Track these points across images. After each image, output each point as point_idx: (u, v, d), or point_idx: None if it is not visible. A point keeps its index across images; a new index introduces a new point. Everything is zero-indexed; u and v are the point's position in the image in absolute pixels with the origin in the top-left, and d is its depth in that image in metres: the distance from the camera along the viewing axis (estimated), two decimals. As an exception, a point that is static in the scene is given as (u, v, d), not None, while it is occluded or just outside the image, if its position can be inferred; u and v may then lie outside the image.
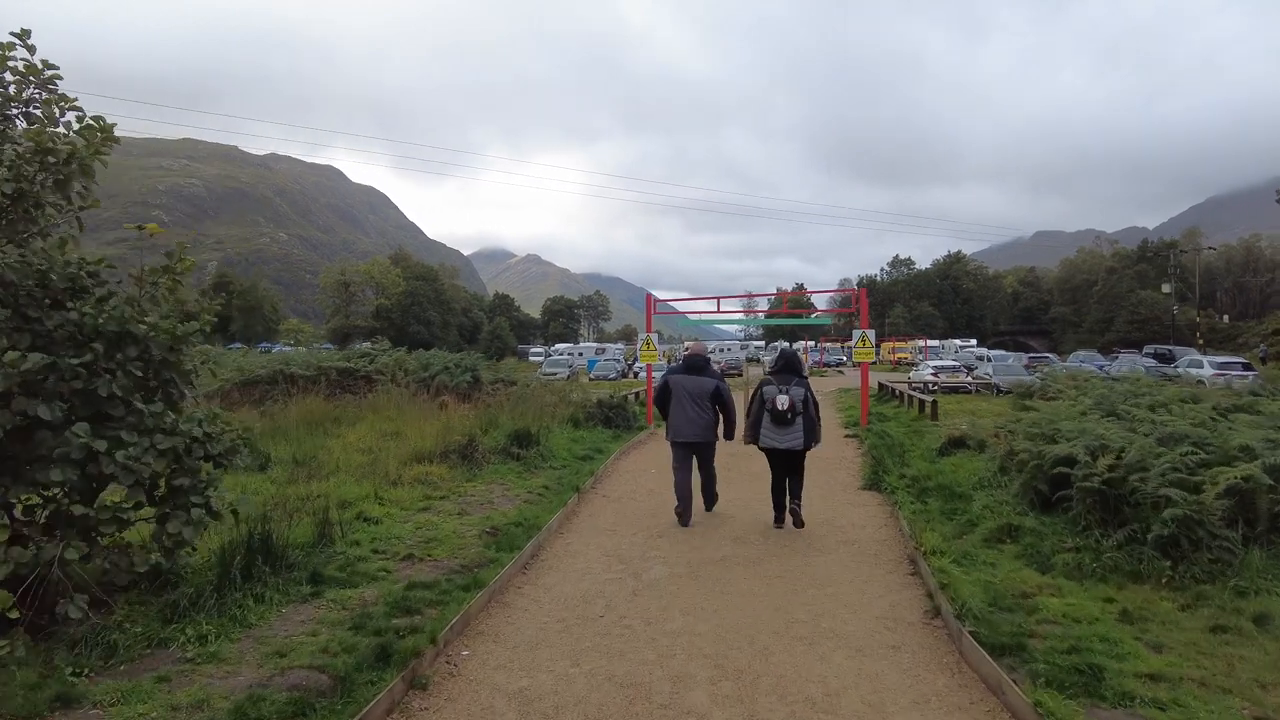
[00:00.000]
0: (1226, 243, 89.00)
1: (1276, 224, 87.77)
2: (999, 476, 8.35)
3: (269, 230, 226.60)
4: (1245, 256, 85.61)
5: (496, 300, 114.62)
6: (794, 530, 7.44)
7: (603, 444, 12.50)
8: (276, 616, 4.63)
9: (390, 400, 13.74)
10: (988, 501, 7.61)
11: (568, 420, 13.66)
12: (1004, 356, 43.25)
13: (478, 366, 15.83)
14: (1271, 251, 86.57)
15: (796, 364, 7.46)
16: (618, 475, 10.43)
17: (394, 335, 73.00)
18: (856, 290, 14.39)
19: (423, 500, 7.65)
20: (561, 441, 11.80)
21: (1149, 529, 5.53)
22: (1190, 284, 69.47)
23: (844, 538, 7.12)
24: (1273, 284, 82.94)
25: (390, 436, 11.03)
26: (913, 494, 8.39)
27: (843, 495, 9.10)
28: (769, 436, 7.16)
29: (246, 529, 5.04)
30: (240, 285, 72.65)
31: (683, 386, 7.59)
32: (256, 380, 16.69)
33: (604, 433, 13.66)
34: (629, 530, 7.35)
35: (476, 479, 8.93)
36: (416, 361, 15.84)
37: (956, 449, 10.77)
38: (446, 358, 16.19)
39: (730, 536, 7.11)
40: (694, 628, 4.85)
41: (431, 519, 6.98)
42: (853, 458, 12.13)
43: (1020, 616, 4.71)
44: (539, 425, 11.69)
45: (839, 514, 8.07)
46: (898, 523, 7.49)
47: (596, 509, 8.29)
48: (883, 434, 14.00)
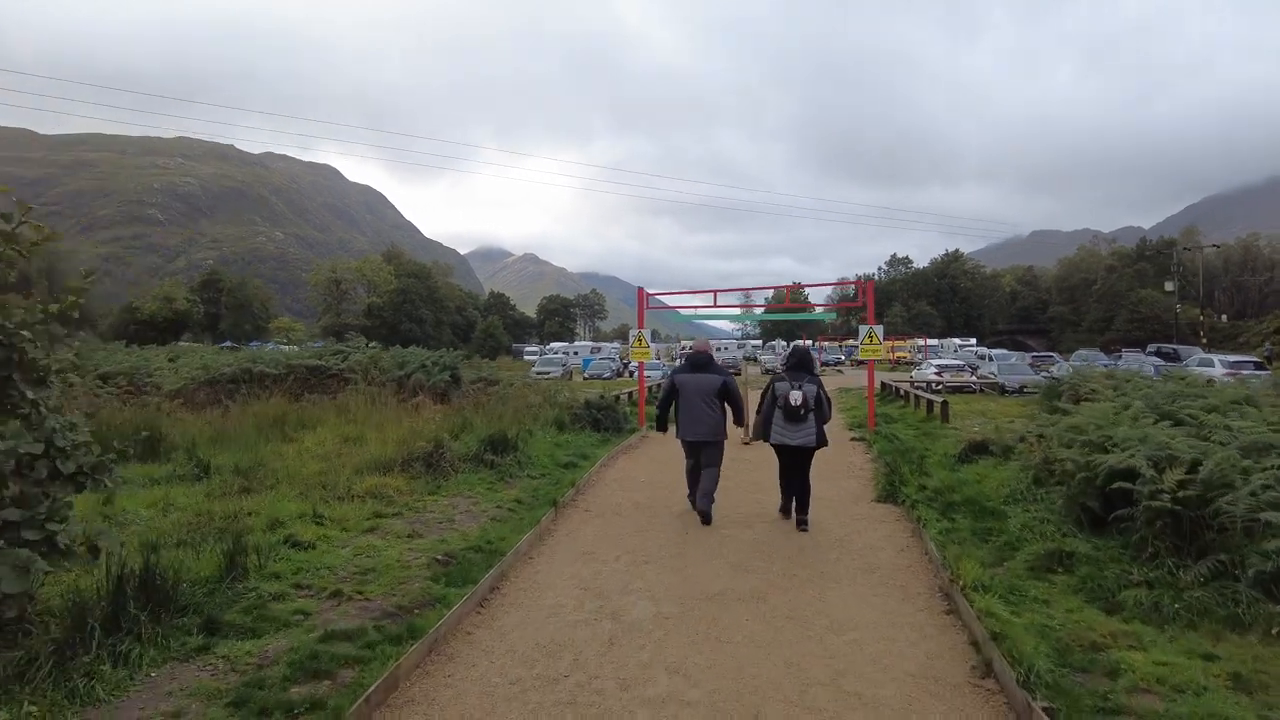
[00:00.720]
0: (1225, 241, 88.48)
1: (1272, 224, 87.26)
2: (1034, 489, 7.34)
3: (265, 229, 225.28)
4: (1244, 255, 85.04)
5: (492, 299, 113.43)
6: (803, 543, 6.42)
7: (589, 449, 11.45)
8: (140, 684, 3.57)
9: (360, 401, 12.67)
10: (1025, 519, 6.59)
11: (552, 423, 12.60)
12: (1007, 355, 42.32)
13: (457, 364, 14.74)
14: (1270, 250, 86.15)
15: (809, 361, 7.36)
16: (603, 485, 9.39)
17: (386, 334, 71.86)
18: (863, 283, 13.36)
19: (370, 519, 6.59)
20: (543, 446, 10.75)
21: (1244, 562, 4.51)
22: (1192, 283, 68.70)
23: (862, 563, 6.08)
24: (1271, 283, 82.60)
25: (353, 441, 9.97)
26: (936, 509, 7.35)
27: (855, 509, 8.07)
28: (780, 433, 7.03)
29: (116, 566, 3.98)
30: (229, 283, 71.33)
31: (688, 385, 7.42)
32: (221, 379, 15.60)
33: (591, 436, 12.61)
34: (611, 553, 6.30)
35: (441, 491, 7.87)
36: (392, 359, 14.75)
37: (978, 455, 9.74)
38: (423, 355, 15.09)
39: (730, 562, 6.07)
40: (683, 693, 3.81)
41: (375, 543, 5.91)
42: (862, 464, 11.11)
43: (1101, 681, 3.68)
44: (518, 429, 10.64)
45: (854, 533, 7.02)
46: (922, 543, 6.46)
47: (575, 526, 7.23)
48: (892, 437, 13.00)
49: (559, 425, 12.51)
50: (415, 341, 74.69)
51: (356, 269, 73.34)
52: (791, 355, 7.47)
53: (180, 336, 69.30)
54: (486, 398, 13.66)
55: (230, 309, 70.91)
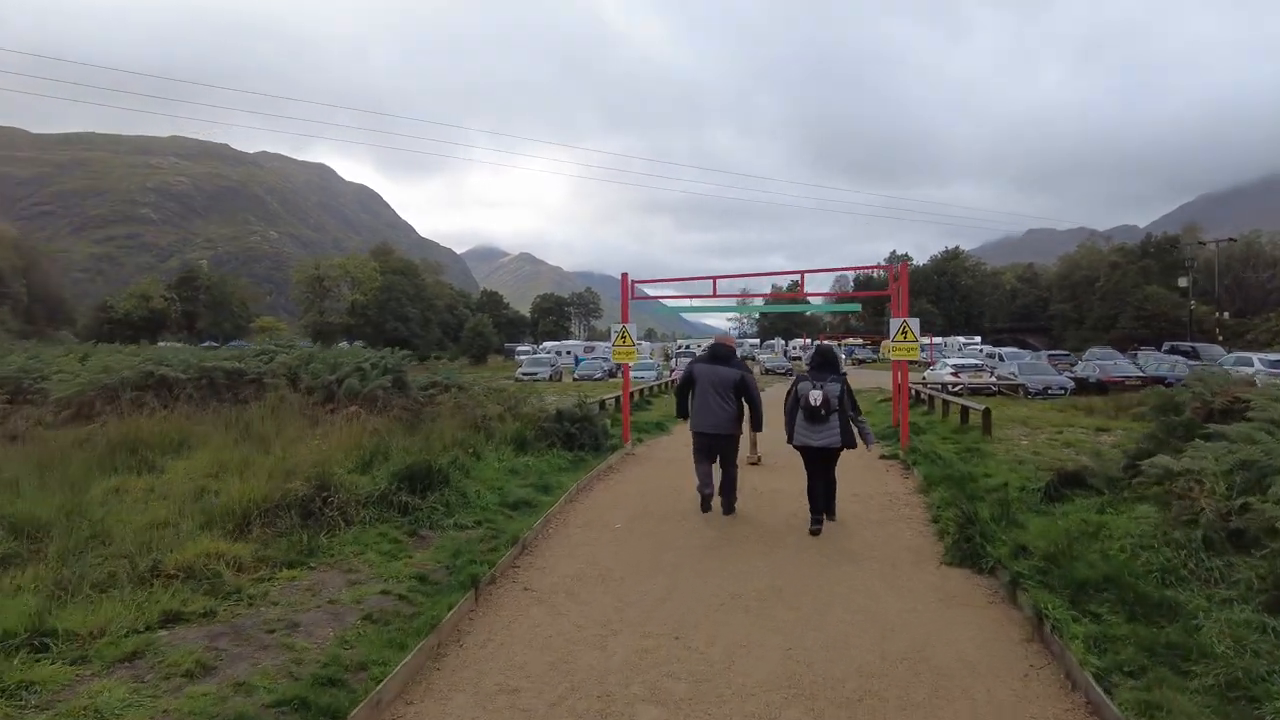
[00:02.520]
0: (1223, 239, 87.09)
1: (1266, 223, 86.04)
2: (1206, 556, 4.80)
3: (259, 229, 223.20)
4: (1246, 252, 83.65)
5: (485, 297, 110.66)
6: (860, 661, 3.93)
7: (555, 475, 8.88)
8: None
9: (268, 414, 10.09)
10: (1222, 620, 4.05)
11: (510, 440, 10.03)
12: (1018, 354, 39.78)
13: (401, 367, 12.13)
14: (1271, 248, 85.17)
15: (834, 360, 7.21)
16: (563, 537, 6.82)
17: (371, 333, 69.12)
18: (894, 267, 10.90)
19: (146, 631, 3.94)
20: (491, 475, 8.17)
21: None
22: (1198, 280, 66.51)
23: (961, 713, 3.54)
24: (1273, 280, 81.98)
25: (232, 473, 7.38)
26: (1057, 590, 4.81)
27: (919, 577, 5.53)
28: (803, 434, 6.85)
29: None
30: (207, 280, 68.37)
31: (706, 377, 7.33)
32: (126, 384, 12.99)
33: (561, 457, 10.03)
34: (554, 690, 3.74)
35: (311, 559, 5.29)
36: (323, 362, 12.13)
37: (1071, 490, 7.20)
38: (361, 356, 12.45)
39: (746, 713, 3.53)
40: None
41: (109, 702, 3.29)
42: (905, 496, 8.58)
43: None
44: (454, 454, 8.07)
45: (932, 638, 4.45)
46: (1061, 668, 3.94)
47: (500, 628, 4.65)
48: (933, 456, 10.48)
49: (519, 444, 9.93)
50: (401, 341, 71.90)
51: (340, 265, 70.46)
52: (816, 354, 7.35)
53: (158, 336, 66.62)
54: (436, 407, 11.09)
55: (208, 307, 67.99)
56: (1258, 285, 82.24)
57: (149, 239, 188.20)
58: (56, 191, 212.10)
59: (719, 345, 7.53)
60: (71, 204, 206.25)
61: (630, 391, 22.39)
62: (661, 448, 13.15)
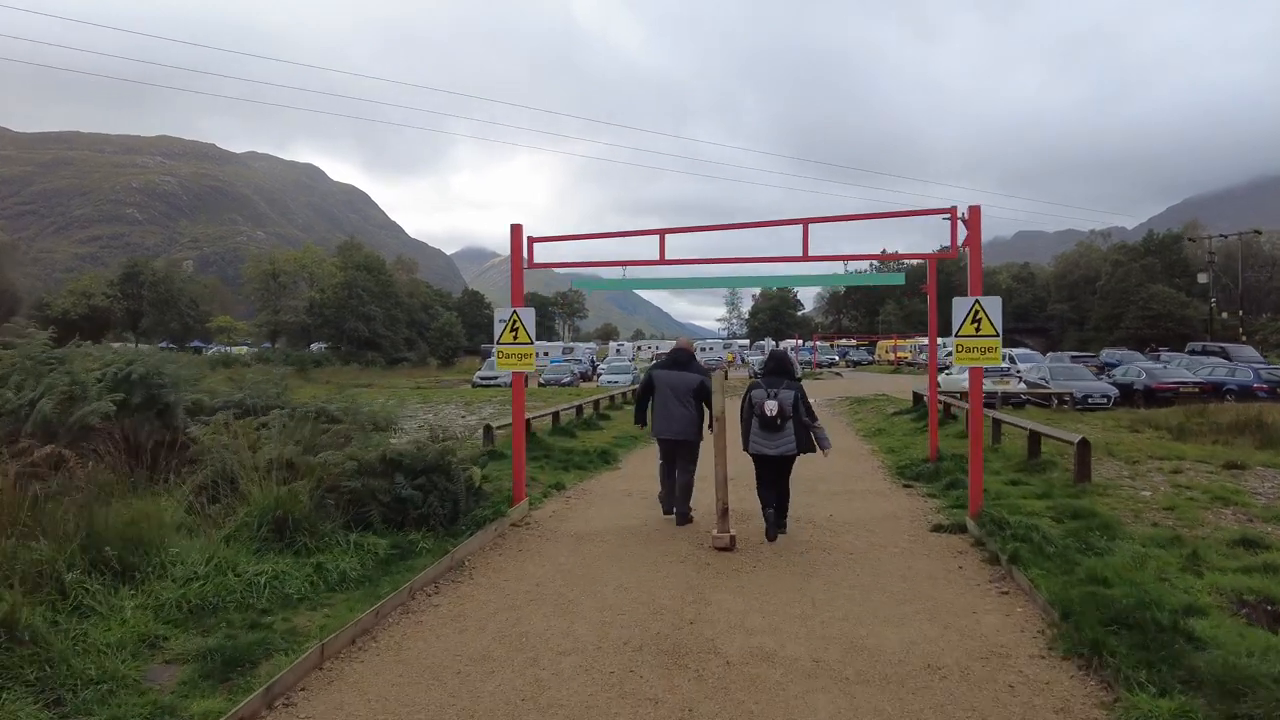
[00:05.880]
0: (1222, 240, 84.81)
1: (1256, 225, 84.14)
2: None
3: (246, 229, 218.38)
4: (1245, 252, 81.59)
5: (465, 296, 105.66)
6: None
7: (286, 616, 4.26)
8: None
9: None
10: None
11: (263, 519, 5.34)
12: (1029, 355, 35.02)
13: (161, 376, 7.11)
14: (1270, 247, 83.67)
15: (788, 366, 6.95)
16: None
17: (330, 333, 64.21)
18: (959, 214, 6.26)
19: None
20: (134, 631, 3.58)
21: None
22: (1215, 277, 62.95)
23: None
24: (1273, 279, 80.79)
25: None
26: None
27: None
28: (758, 443, 6.59)
29: None
30: (151, 276, 63.12)
31: (666, 382, 7.19)
32: None
33: (358, 553, 5.40)
34: None
35: None
36: (19, 370, 7.25)
37: None
38: (110, 360, 7.22)
39: None
40: None
41: None
42: (1028, 663, 4.02)
43: None
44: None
45: None
46: None
47: None
48: (1043, 541, 5.88)
49: (278, 527, 5.24)
50: (365, 341, 67.16)
51: (296, 260, 65.43)
52: (769, 360, 7.12)
53: (103, 336, 61.59)
54: (181, 452, 6.45)
55: (153, 305, 62.76)
56: (1258, 285, 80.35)
57: (133, 239, 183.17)
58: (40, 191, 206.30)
59: (679, 350, 7.50)
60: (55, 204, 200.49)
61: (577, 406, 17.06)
62: (595, 502, 8.45)
